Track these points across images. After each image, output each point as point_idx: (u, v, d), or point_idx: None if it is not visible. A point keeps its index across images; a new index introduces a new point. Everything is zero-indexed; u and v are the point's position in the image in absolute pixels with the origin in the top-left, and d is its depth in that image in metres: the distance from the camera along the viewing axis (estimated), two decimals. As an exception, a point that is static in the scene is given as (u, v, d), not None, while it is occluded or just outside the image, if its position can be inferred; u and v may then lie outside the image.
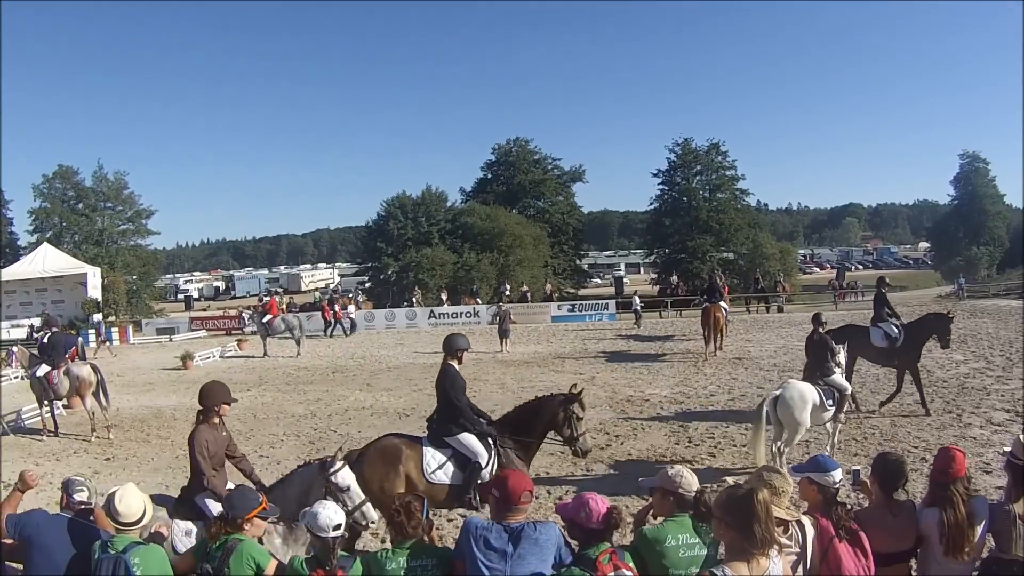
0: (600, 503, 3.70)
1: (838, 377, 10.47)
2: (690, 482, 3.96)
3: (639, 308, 31.89)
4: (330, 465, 5.32)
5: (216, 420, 5.91)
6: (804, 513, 4.04)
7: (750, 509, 2.89)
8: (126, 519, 4.05)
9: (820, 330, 10.98)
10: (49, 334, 15.66)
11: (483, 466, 6.91)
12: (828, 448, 10.21)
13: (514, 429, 7.30)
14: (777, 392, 9.99)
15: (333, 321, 31.83)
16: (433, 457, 6.92)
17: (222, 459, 5.95)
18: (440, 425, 7.12)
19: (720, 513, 3.00)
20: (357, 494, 5.34)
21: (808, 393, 9.86)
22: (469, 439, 6.99)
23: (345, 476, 5.33)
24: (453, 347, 7.29)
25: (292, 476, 5.56)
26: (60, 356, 14.46)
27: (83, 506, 4.51)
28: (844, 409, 10.57)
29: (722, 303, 21.91)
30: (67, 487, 4.64)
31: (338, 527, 4.02)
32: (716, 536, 3.10)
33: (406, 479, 6.71)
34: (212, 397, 5.87)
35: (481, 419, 7.28)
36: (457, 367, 7.28)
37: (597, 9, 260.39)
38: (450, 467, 6.93)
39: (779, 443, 9.87)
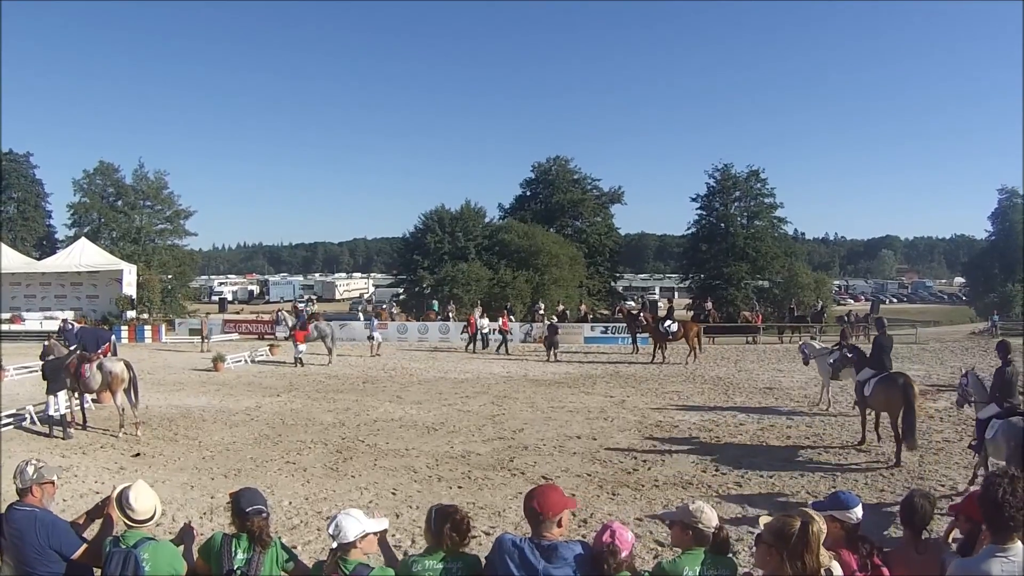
0: (623, 538, 3.69)
1: None
2: (710, 517, 3.90)
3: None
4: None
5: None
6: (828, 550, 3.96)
7: (805, 538, 2.99)
8: (139, 516, 4.01)
9: (1011, 359, 10.07)
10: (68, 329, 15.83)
11: None
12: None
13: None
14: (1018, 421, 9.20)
15: (499, 335, 30.72)
16: None
17: None
18: None
19: (772, 540, 3.08)
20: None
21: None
22: None
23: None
24: None
25: None
26: (92, 349, 14.52)
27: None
28: None
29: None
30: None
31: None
32: (757, 562, 3.18)
33: None
34: None
35: None
36: None
37: (640, 24, 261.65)
38: None
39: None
